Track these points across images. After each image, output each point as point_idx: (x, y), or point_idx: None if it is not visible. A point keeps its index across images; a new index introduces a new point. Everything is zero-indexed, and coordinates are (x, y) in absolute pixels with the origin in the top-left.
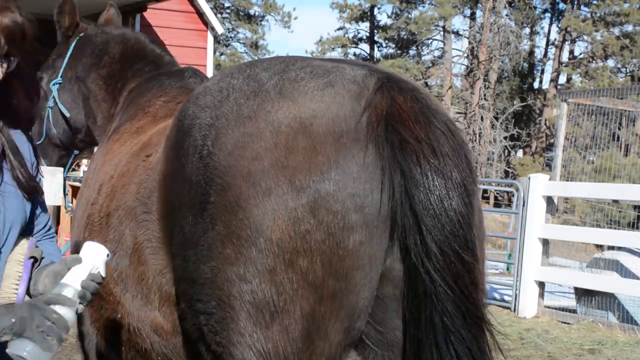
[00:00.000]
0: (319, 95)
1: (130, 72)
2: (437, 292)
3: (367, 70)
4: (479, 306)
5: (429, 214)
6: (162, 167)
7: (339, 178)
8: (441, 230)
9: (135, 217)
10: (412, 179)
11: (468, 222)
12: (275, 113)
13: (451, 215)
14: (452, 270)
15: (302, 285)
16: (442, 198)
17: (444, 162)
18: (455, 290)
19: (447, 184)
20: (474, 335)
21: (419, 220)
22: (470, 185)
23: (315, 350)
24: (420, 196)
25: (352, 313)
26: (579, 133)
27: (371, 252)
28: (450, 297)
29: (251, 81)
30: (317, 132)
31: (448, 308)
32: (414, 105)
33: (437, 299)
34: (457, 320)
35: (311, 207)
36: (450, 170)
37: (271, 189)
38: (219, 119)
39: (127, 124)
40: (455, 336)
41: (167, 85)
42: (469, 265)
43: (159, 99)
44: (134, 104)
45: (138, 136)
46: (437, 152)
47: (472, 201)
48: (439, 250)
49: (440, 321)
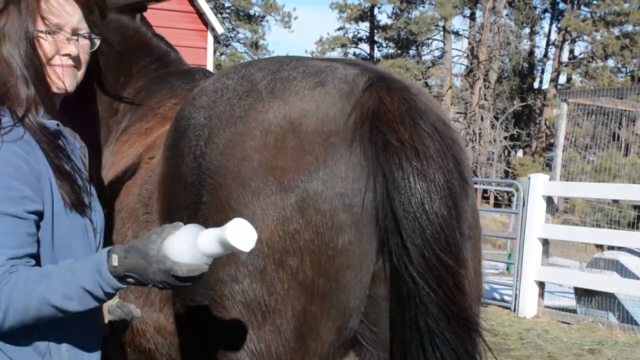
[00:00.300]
0: (309, 94)
1: (135, 68)
2: (420, 294)
3: (359, 69)
4: (464, 308)
5: (409, 217)
6: (161, 168)
7: (327, 178)
8: (421, 234)
9: (137, 218)
10: (393, 182)
11: (451, 226)
12: (266, 113)
13: (432, 218)
14: (434, 273)
15: (292, 285)
16: (424, 201)
17: (427, 164)
18: (438, 293)
19: (429, 187)
20: (459, 337)
21: (399, 223)
22: (457, 187)
23: (308, 349)
24: (401, 199)
25: (343, 312)
26: (579, 133)
27: (361, 251)
28: (433, 300)
29: (245, 81)
30: (306, 131)
31: (431, 311)
32: (400, 106)
33: (420, 302)
34: (441, 323)
35: (300, 206)
36: (434, 173)
37: (260, 189)
38: (212, 119)
39: (136, 125)
40: (440, 339)
41: (177, 86)
42: (452, 269)
43: (169, 101)
44: (144, 105)
45: (147, 138)
46: (420, 154)
47: (457, 203)
48: (420, 254)
49: (424, 324)
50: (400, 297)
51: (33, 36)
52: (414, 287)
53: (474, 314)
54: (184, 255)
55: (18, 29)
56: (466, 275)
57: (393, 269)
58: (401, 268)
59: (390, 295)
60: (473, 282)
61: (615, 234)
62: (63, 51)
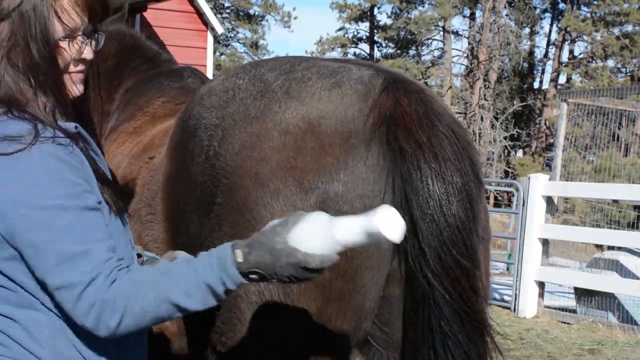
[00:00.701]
0: (327, 95)
1: (127, 70)
2: (435, 296)
3: (373, 70)
4: (478, 311)
5: (427, 219)
6: (166, 168)
7: (348, 179)
8: (439, 236)
9: (140, 218)
10: (411, 184)
11: (468, 228)
12: (283, 113)
13: (450, 220)
14: (450, 275)
15: (309, 286)
16: (442, 203)
17: (445, 166)
18: (453, 295)
19: (447, 189)
20: (472, 340)
21: (416, 225)
22: (474, 189)
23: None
24: (419, 200)
25: (359, 314)
26: (579, 133)
27: (378, 252)
28: (448, 302)
29: (257, 81)
30: (326, 132)
31: (445, 313)
32: (418, 108)
33: (434, 303)
34: (454, 325)
35: (320, 207)
36: (452, 175)
37: (279, 190)
38: (226, 119)
39: (124, 124)
40: (452, 341)
41: (166, 85)
42: (468, 271)
43: (158, 99)
44: (132, 104)
45: (137, 137)
46: (438, 156)
47: (474, 205)
48: (437, 256)
49: (437, 325)
50: (414, 298)
51: (54, 44)
52: (428, 288)
53: (486, 316)
54: (317, 246)
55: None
56: (480, 276)
57: (408, 270)
58: (416, 269)
59: (404, 296)
60: (485, 282)
61: (615, 234)
62: (79, 56)
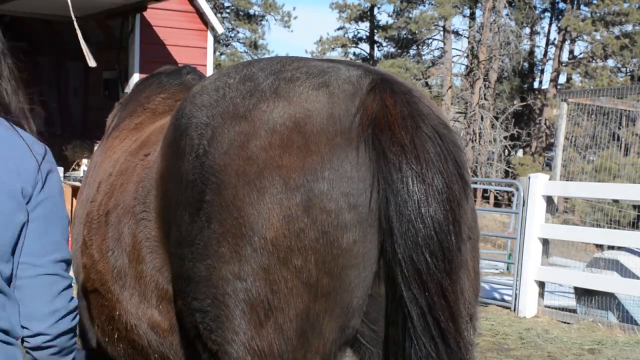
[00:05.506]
0: (314, 94)
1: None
2: (405, 297)
3: (362, 70)
4: (447, 317)
5: (404, 219)
6: (159, 165)
7: (333, 177)
8: (413, 237)
9: (134, 215)
10: (392, 184)
11: (446, 229)
12: (271, 112)
13: (427, 222)
14: (421, 277)
15: (296, 284)
16: (420, 205)
17: (426, 168)
18: (421, 297)
19: (427, 190)
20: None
21: (392, 225)
22: (457, 190)
23: (310, 348)
24: (398, 201)
25: (346, 311)
26: (579, 133)
27: (365, 250)
28: (417, 303)
29: (247, 81)
30: (312, 131)
31: (413, 314)
32: (403, 109)
33: (405, 304)
34: (418, 327)
35: (305, 205)
36: (433, 176)
37: (266, 188)
38: (215, 118)
39: (126, 121)
40: (418, 343)
41: (166, 82)
42: (439, 275)
43: (158, 96)
44: (134, 101)
45: (137, 132)
46: (420, 158)
47: (457, 206)
48: (409, 257)
49: (409, 326)
50: (393, 298)
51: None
52: (401, 288)
53: (460, 324)
54: None
55: None
56: (466, 276)
57: (388, 270)
58: (391, 269)
59: (386, 295)
60: (473, 282)
61: (615, 234)
62: None
